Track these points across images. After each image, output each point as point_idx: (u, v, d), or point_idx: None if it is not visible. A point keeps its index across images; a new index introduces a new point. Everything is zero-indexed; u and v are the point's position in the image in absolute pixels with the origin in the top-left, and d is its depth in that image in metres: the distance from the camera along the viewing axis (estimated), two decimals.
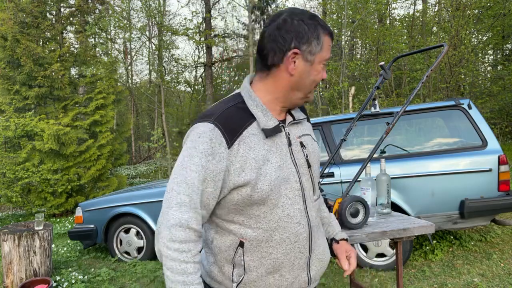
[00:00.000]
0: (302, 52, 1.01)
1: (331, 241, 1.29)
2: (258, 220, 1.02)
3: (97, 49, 10.15)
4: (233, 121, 1.00)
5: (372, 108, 3.69)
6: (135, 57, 19.57)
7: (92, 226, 4.51)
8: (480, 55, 11.70)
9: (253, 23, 14.30)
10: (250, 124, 1.02)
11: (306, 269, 1.10)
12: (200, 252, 1.00)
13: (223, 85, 18.19)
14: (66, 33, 9.38)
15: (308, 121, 1.24)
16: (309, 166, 1.11)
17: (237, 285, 1.05)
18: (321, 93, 10.25)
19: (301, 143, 1.11)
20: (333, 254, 1.29)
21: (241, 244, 1.03)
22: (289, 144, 1.08)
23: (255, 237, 1.02)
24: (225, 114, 1.01)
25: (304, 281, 1.10)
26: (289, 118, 1.11)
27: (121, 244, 4.47)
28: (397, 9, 17.48)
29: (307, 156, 1.11)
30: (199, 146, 0.97)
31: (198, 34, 11.70)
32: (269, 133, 1.02)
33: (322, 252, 1.15)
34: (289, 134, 1.09)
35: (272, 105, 1.07)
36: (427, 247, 3.87)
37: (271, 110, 1.07)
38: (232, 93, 1.12)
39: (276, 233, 1.03)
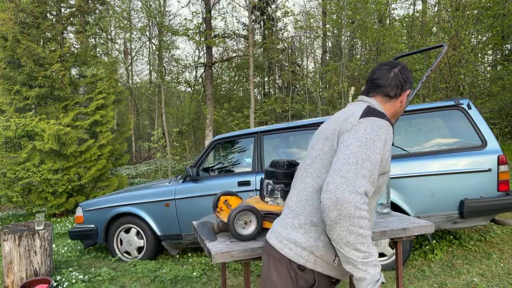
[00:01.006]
0: (409, 93, 1.49)
1: None
2: (371, 203, 1.32)
3: (97, 49, 10.15)
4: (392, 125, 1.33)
5: None
6: (136, 57, 19.59)
7: (92, 226, 4.51)
8: (479, 55, 11.71)
9: (253, 23, 14.30)
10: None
11: None
12: None
13: (223, 85, 18.19)
14: (67, 33, 9.39)
15: None
16: None
17: (338, 259, 1.27)
18: (321, 93, 10.26)
19: None
20: None
21: None
22: None
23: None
24: (388, 119, 1.32)
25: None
26: None
27: (121, 243, 4.48)
28: (396, 9, 17.50)
29: None
30: (381, 135, 1.23)
31: (198, 35, 11.71)
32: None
33: None
34: None
35: None
36: (427, 247, 3.88)
37: None
38: (363, 105, 1.40)
39: (372, 215, 1.36)
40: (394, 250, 3.11)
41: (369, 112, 1.30)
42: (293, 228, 1.33)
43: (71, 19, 8.96)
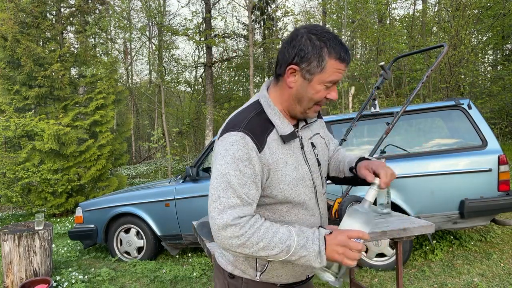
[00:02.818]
0: (301, 69, 1.07)
1: (351, 171, 1.30)
2: (281, 215, 1.15)
3: (97, 49, 10.15)
4: (258, 128, 1.10)
5: (372, 108, 3.69)
6: (135, 57, 19.58)
7: (92, 226, 4.51)
8: (480, 55, 11.70)
9: (253, 23, 14.30)
10: (271, 131, 1.12)
11: None
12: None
13: (223, 85, 18.19)
14: (66, 33, 9.39)
15: (319, 117, 1.32)
16: (319, 164, 1.24)
17: (261, 274, 1.18)
18: None
19: (312, 143, 1.23)
20: (362, 183, 1.28)
21: None
22: (302, 147, 1.18)
23: None
24: (251, 123, 1.10)
25: (308, 269, 1.23)
26: (301, 123, 1.21)
27: (121, 244, 4.47)
28: (397, 9, 17.50)
29: (317, 156, 1.23)
30: (236, 153, 1.05)
31: (198, 34, 11.70)
32: (287, 139, 1.12)
33: None
34: (301, 138, 1.19)
35: (284, 113, 1.16)
36: (427, 247, 3.87)
37: (286, 117, 1.16)
38: (252, 100, 1.20)
39: (295, 225, 1.11)
40: (394, 250, 3.11)
41: (226, 126, 1.12)
42: None
43: (71, 19, 8.96)
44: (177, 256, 4.51)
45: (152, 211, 4.27)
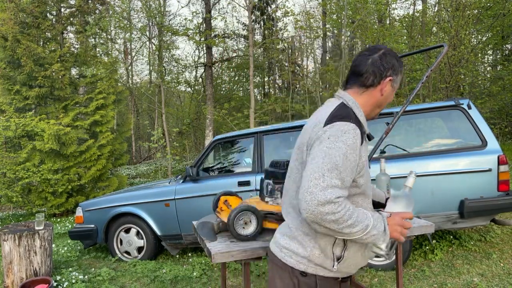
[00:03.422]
0: (393, 80, 1.37)
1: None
2: (360, 204, 1.35)
3: (97, 49, 10.15)
4: (361, 125, 1.30)
5: None
6: (135, 57, 19.58)
7: (92, 226, 4.51)
8: (479, 55, 11.70)
9: (253, 23, 14.30)
10: (364, 132, 1.33)
11: (368, 251, 1.42)
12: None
13: (223, 85, 18.19)
14: (67, 33, 9.39)
15: None
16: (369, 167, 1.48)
17: (338, 261, 1.31)
18: (321, 93, 10.26)
19: None
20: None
21: None
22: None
23: None
24: (357, 118, 1.29)
25: (367, 260, 1.44)
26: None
27: (121, 243, 4.48)
28: (396, 9, 17.50)
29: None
30: (347, 141, 1.20)
31: (198, 35, 11.71)
32: (370, 138, 1.40)
33: None
34: None
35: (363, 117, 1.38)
36: (427, 247, 3.88)
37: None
38: (335, 102, 1.36)
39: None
40: (394, 250, 3.11)
41: (334, 116, 1.26)
42: (290, 238, 1.37)
43: (71, 19, 8.96)
44: (177, 256, 4.52)
45: (152, 211, 4.28)
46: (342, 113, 1.27)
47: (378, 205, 1.73)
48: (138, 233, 4.42)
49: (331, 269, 1.31)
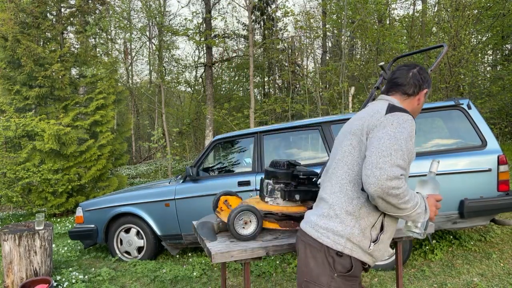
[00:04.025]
0: (427, 92, 1.61)
1: None
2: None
3: (97, 49, 10.15)
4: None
5: None
6: (136, 57, 19.59)
7: (92, 226, 4.52)
8: (479, 55, 11.70)
9: (253, 23, 14.29)
10: None
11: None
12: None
13: (223, 85, 18.19)
14: (67, 34, 9.39)
15: None
16: None
17: (374, 243, 1.42)
18: (321, 93, 10.26)
19: None
20: None
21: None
22: None
23: None
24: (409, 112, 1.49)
25: (390, 252, 1.56)
26: None
27: (121, 243, 4.48)
28: (396, 9, 17.50)
29: None
30: (407, 127, 1.37)
31: (198, 35, 11.71)
32: None
33: None
34: None
35: None
36: (427, 247, 3.88)
37: None
38: (384, 104, 1.52)
39: None
40: (394, 250, 3.11)
41: (393, 108, 1.45)
42: (329, 218, 1.47)
43: (71, 19, 8.96)
44: (177, 256, 4.52)
45: (152, 211, 4.28)
46: (399, 107, 1.47)
47: None
48: (138, 233, 4.42)
49: (367, 249, 1.42)
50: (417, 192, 1.43)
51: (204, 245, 2.09)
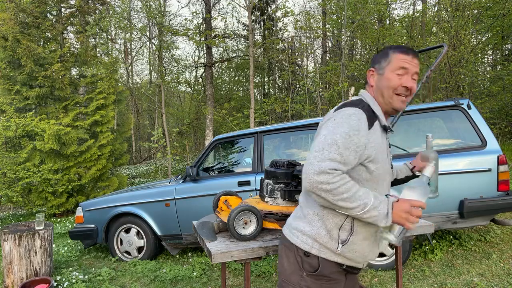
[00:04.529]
0: (375, 69, 1.48)
1: (411, 171, 1.79)
2: (374, 189, 1.40)
3: (97, 49, 10.15)
4: (370, 113, 1.39)
5: None
6: (136, 57, 19.59)
7: (92, 225, 4.52)
8: (479, 55, 11.70)
9: (253, 23, 14.30)
10: (376, 120, 1.40)
11: (377, 244, 1.48)
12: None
13: (223, 85, 18.19)
14: (67, 34, 9.39)
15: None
16: (391, 167, 1.52)
17: (343, 244, 1.37)
18: (321, 93, 10.26)
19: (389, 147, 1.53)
20: (412, 177, 1.80)
21: None
22: (389, 146, 1.49)
23: None
24: (366, 107, 1.39)
25: (375, 254, 1.47)
26: (389, 125, 1.50)
27: (121, 243, 4.48)
28: (396, 9, 17.49)
29: (391, 160, 1.53)
30: (350, 121, 1.30)
31: (198, 35, 11.71)
32: (385, 128, 1.43)
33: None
34: (388, 139, 1.50)
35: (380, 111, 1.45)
36: (427, 247, 3.88)
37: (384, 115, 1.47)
38: (355, 98, 1.49)
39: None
40: (394, 250, 3.12)
41: (344, 104, 1.41)
42: (300, 218, 1.46)
43: (71, 19, 8.96)
44: (177, 256, 4.52)
45: (152, 211, 4.28)
46: (353, 101, 1.42)
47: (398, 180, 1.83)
48: (138, 233, 4.42)
49: (335, 250, 1.37)
50: (388, 195, 1.33)
51: (204, 245, 2.09)
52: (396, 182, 1.79)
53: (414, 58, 1.40)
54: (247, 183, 3.91)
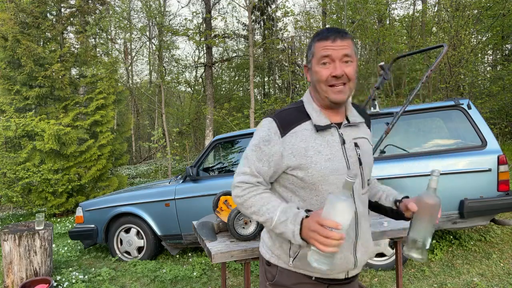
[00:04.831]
0: (307, 64, 1.34)
1: (395, 204, 1.36)
2: (311, 203, 1.26)
3: (97, 49, 10.15)
4: (289, 118, 1.29)
5: (372, 108, 3.70)
6: (136, 57, 19.59)
7: (92, 226, 4.52)
8: (479, 55, 11.70)
9: (253, 23, 14.30)
10: (304, 121, 1.28)
11: (353, 252, 1.28)
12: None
13: (223, 85, 18.19)
14: (67, 34, 9.39)
15: (368, 127, 1.45)
16: (360, 164, 1.31)
17: (293, 260, 1.28)
18: None
19: (355, 143, 1.32)
20: (401, 217, 1.36)
21: None
22: (343, 143, 1.29)
23: None
24: (284, 113, 1.31)
25: (351, 263, 1.28)
26: (344, 122, 1.33)
27: (121, 243, 4.48)
28: (396, 9, 17.49)
29: (359, 156, 1.31)
30: (259, 133, 1.28)
31: (198, 35, 11.71)
32: (319, 129, 1.26)
33: (367, 240, 1.35)
34: (342, 135, 1.30)
35: (322, 109, 1.32)
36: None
37: (325, 114, 1.31)
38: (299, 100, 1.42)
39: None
40: (394, 250, 3.11)
41: (266, 114, 1.39)
42: (266, 230, 1.44)
43: (71, 19, 8.96)
44: (177, 256, 4.52)
45: (152, 211, 4.28)
46: (273, 112, 1.40)
47: (379, 208, 1.45)
48: (138, 233, 4.42)
49: (288, 263, 1.30)
50: (308, 210, 1.18)
51: (204, 245, 2.09)
52: (378, 209, 1.45)
53: (336, 39, 1.21)
54: None
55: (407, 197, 1.34)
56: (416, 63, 10.09)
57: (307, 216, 1.14)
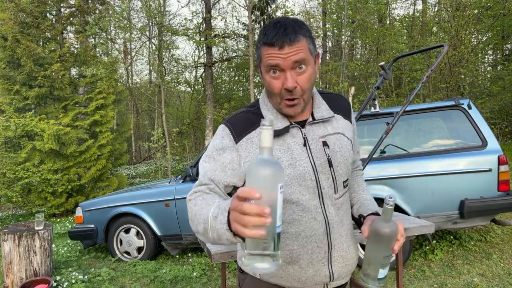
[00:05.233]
0: (259, 68, 1.13)
1: (360, 219, 1.23)
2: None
3: (97, 49, 10.15)
4: (242, 122, 1.15)
5: (372, 108, 3.69)
6: (135, 57, 19.58)
7: (92, 226, 4.51)
8: (480, 55, 11.70)
9: (253, 23, 14.29)
10: (259, 125, 1.11)
11: (327, 264, 1.13)
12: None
13: (223, 85, 18.19)
14: (66, 33, 9.39)
15: (348, 118, 1.24)
16: (330, 165, 1.13)
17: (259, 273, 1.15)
18: None
19: (323, 142, 1.14)
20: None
21: None
22: (304, 144, 1.12)
23: None
24: (237, 117, 1.17)
25: (325, 275, 1.13)
26: (309, 119, 1.15)
27: (121, 244, 4.47)
28: (397, 9, 17.49)
29: (329, 156, 1.13)
30: (214, 142, 1.16)
31: (198, 34, 11.70)
32: (275, 133, 1.10)
33: (346, 249, 1.17)
34: (305, 135, 1.13)
35: (278, 109, 1.15)
36: (427, 247, 3.87)
37: (286, 113, 1.13)
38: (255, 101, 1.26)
39: (291, 226, 1.11)
40: None
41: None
42: None
43: (71, 19, 8.95)
44: (177, 256, 4.52)
45: (152, 211, 4.27)
46: (236, 112, 1.22)
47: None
48: (138, 233, 4.41)
49: (256, 275, 1.19)
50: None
51: (204, 245, 2.08)
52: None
53: (284, 46, 1.01)
54: None
55: (376, 213, 1.17)
56: (416, 63, 10.09)
57: None
